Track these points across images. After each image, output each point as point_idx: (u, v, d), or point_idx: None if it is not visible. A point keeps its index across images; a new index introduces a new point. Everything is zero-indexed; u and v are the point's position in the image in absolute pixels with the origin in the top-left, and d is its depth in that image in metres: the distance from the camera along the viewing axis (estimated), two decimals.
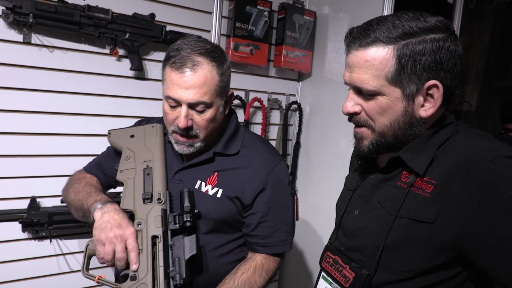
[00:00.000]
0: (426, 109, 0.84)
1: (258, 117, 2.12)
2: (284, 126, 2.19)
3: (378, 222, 0.90)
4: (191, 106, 1.10)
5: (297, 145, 2.26)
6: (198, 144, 1.16)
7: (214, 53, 1.11)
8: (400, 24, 0.81)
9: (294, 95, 2.26)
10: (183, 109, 1.09)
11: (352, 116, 0.92)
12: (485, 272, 0.78)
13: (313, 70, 2.18)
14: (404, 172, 0.88)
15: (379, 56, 0.81)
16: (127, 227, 1.02)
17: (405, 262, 0.84)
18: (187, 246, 1.03)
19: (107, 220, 1.03)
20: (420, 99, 0.83)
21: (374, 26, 0.83)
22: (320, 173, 2.15)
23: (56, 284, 1.65)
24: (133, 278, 0.97)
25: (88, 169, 1.34)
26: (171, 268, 1.00)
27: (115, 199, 1.18)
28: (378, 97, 0.85)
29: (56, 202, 1.57)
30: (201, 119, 1.12)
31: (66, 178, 1.33)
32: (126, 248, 1.01)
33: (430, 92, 0.83)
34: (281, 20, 2.05)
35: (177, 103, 1.10)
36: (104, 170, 1.32)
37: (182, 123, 1.09)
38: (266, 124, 2.11)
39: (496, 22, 3.52)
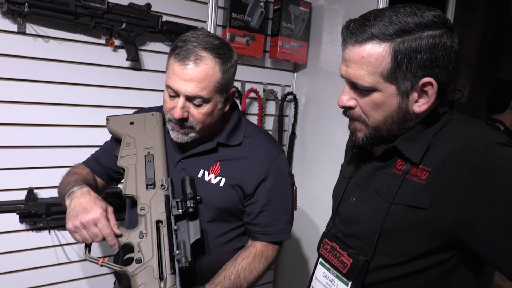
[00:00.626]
0: (420, 104, 0.86)
1: (254, 108, 2.13)
2: (280, 117, 2.21)
3: (375, 209, 0.91)
4: (189, 98, 1.11)
5: (293, 135, 2.28)
6: (192, 135, 1.17)
7: (220, 50, 1.12)
8: (397, 20, 0.81)
9: (290, 86, 2.27)
10: (180, 100, 1.11)
11: (346, 110, 0.93)
12: (479, 256, 0.80)
13: (309, 61, 2.19)
14: (399, 160, 0.90)
15: (375, 53, 0.82)
16: (92, 209, 1.01)
17: (401, 247, 0.87)
18: (192, 230, 1.06)
19: (73, 207, 1.03)
20: (414, 95, 0.85)
21: (371, 22, 0.83)
22: (316, 163, 2.17)
23: (55, 274, 1.65)
24: (139, 261, 0.99)
25: (87, 163, 1.35)
26: (176, 252, 1.02)
27: None
28: (373, 93, 0.86)
29: (54, 193, 1.55)
30: (197, 112, 1.13)
31: (63, 169, 1.33)
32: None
33: (424, 88, 0.84)
34: (277, 11, 2.05)
35: (176, 94, 1.11)
36: (102, 163, 1.33)
37: (177, 113, 1.11)
38: (262, 115, 2.12)
39: (488, 14, 3.55)
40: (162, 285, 0.97)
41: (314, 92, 2.18)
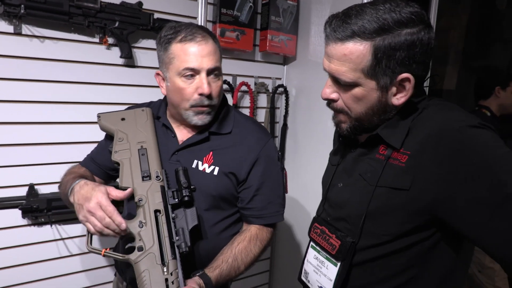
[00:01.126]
0: (399, 97, 0.91)
1: (246, 101, 2.18)
2: (271, 109, 2.25)
3: (360, 193, 0.97)
4: (209, 72, 1.20)
5: (284, 127, 2.33)
6: (212, 113, 1.26)
7: (206, 29, 1.25)
8: (377, 18, 0.85)
9: (280, 78, 2.31)
10: (203, 76, 1.18)
11: (330, 102, 0.98)
12: (458, 232, 0.85)
13: (298, 53, 2.23)
14: (382, 145, 0.96)
15: (357, 50, 0.86)
16: (93, 195, 1.05)
17: (386, 227, 0.92)
18: (189, 217, 1.11)
19: (77, 200, 1.08)
20: (393, 89, 0.90)
21: (353, 19, 0.86)
22: (307, 153, 2.22)
23: (57, 267, 1.70)
24: (140, 249, 1.03)
25: (84, 163, 1.39)
26: (176, 238, 1.07)
27: None
28: (355, 87, 0.91)
29: (54, 188, 1.60)
30: (216, 85, 1.22)
31: (62, 165, 1.38)
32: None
33: (403, 83, 0.89)
34: (265, 5, 2.10)
35: (194, 74, 1.18)
36: (98, 162, 1.37)
37: (207, 89, 1.18)
38: (253, 108, 2.17)
39: (474, 3, 3.62)
40: (165, 270, 1.01)
41: (304, 83, 2.23)
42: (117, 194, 1.08)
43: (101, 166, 1.36)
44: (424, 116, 0.92)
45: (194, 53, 1.16)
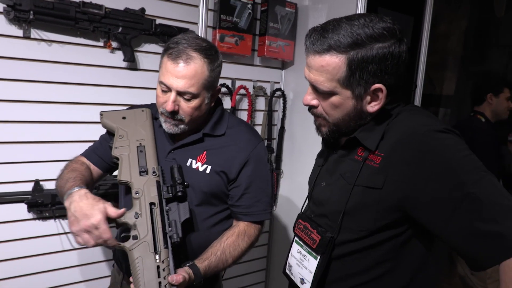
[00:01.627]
0: (373, 105, 0.98)
1: (244, 104, 2.24)
2: (269, 112, 2.31)
3: (340, 191, 1.03)
4: (180, 93, 1.23)
5: (282, 129, 2.38)
6: (182, 127, 1.29)
7: (208, 51, 1.25)
8: (351, 33, 0.91)
9: (278, 82, 2.37)
10: (172, 95, 1.23)
11: (311, 108, 1.05)
12: (423, 226, 0.91)
13: (295, 58, 2.30)
14: (360, 147, 1.02)
15: (333, 63, 0.93)
16: (92, 215, 1.03)
17: (362, 222, 0.98)
18: (182, 211, 1.18)
19: (73, 211, 1.06)
20: (367, 98, 0.97)
21: (329, 34, 0.93)
22: (304, 154, 2.28)
23: (59, 260, 1.77)
24: (135, 238, 1.10)
25: (86, 154, 1.45)
26: (169, 229, 1.13)
27: None
28: (332, 96, 0.97)
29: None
30: (187, 106, 1.25)
31: (66, 162, 1.42)
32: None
33: (376, 93, 0.95)
34: (264, 12, 2.17)
35: (168, 89, 1.24)
36: (99, 154, 1.43)
37: (169, 106, 1.23)
38: (252, 110, 2.23)
39: (472, 9, 3.66)
40: (157, 258, 1.07)
41: (301, 87, 2.26)
42: (113, 213, 1.07)
43: (102, 158, 1.42)
44: (397, 120, 0.98)
45: (170, 71, 1.21)
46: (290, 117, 2.38)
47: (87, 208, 1.06)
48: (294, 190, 2.34)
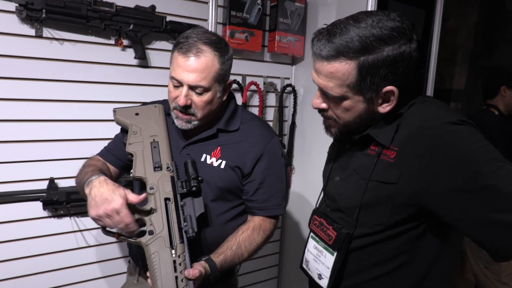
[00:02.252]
0: (384, 107, 0.96)
1: (255, 100, 2.22)
2: (280, 108, 2.29)
3: (355, 186, 1.01)
4: (192, 87, 1.22)
5: (293, 125, 2.36)
6: (195, 122, 1.28)
7: (218, 44, 1.23)
8: (359, 37, 0.87)
9: (289, 78, 2.34)
10: (184, 89, 1.22)
11: (320, 110, 1.03)
12: (440, 219, 0.90)
13: (306, 54, 2.27)
14: (373, 142, 1.00)
15: (342, 69, 0.90)
16: (113, 200, 1.03)
17: (377, 217, 0.97)
18: (197, 206, 1.17)
19: (94, 196, 1.06)
20: (379, 100, 0.95)
21: (337, 39, 0.89)
22: (315, 150, 2.26)
23: (75, 258, 1.77)
24: (151, 233, 1.09)
25: (101, 154, 1.44)
26: (184, 224, 1.12)
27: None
28: (343, 100, 0.95)
29: (72, 182, 1.62)
30: (199, 100, 1.24)
31: (80, 160, 1.41)
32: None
33: (387, 95, 0.93)
34: (274, 8, 2.14)
35: (180, 84, 1.22)
36: (114, 153, 1.42)
37: (181, 101, 1.22)
38: (262, 106, 2.21)
39: (482, 3, 3.60)
40: (173, 252, 1.07)
41: (311, 83, 2.13)
42: (134, 199, 1.07)
43: (118, 157, 1.41)
44: (410, 113, 0.96)
45: (181, 65, 1.20)
46: (300, 113, 2.36)
47: (107, 193, 1.05)
48: (305, 186, 2.32)
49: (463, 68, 3.76)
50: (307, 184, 2.31)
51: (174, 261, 1.06)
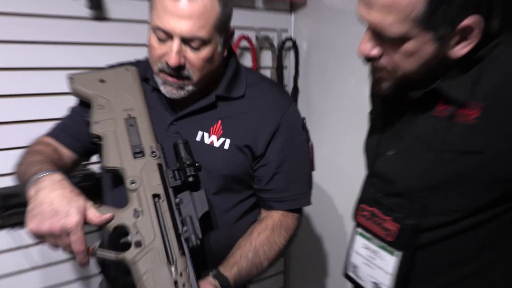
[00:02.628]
0: (461, 48, 0.88)
1: (247, 60, 2.16)
2: (278, 69, 2.25)
3: (419, 161, 0.96)
4: (185, 41, 1.11)
5: (295, 90, 2.33)
6: (190, 88, 1.19)
7: None
8: None
9: (287, 30, 2.30)
10: (175, 43, 1.10)
11: (370, 60, 0.97)
12: None
13: None
14: (440, 102, 0.94)
15: None
16: (67, 214, 0.94)
17: (455, 201, 0.92)
18: (197, 202, 1.11)
19: (40, 202, 0.96)
20: (454, 40, 0.87)
21: None
22: (325, 121, 2.22)
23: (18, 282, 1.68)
24: (138, 244, 1.00)
25: (53, 134, 1.31)
26: (184, 229, 1.05)
27: None
28: (404, 42, 0.88)
29: (7, 181, 1.55)
30: (196, 57, 1.14)
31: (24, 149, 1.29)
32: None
33: (466, 30, 0.85)
34: None
35: (168, 36, 1.11)
36: (71, 132, 1.31)
37: (173, 60, 1.11)
38: (256, 68, 2.16)
39: None
40: (173, 270, 0.99)
41: (318, 35, 2.19)
42: (95, 218, 0.98)
43: (77, 138, 1.30)
44: (496, 56, 0.88)
45: (170, 10, 1.09)
46: (304, 75, 2.31)
47: (60, 202, 0.95)
48: (316, 165, 2.25)
49: None
50: (318, 163, 2.24)
51: (176, 282, 0.98)
